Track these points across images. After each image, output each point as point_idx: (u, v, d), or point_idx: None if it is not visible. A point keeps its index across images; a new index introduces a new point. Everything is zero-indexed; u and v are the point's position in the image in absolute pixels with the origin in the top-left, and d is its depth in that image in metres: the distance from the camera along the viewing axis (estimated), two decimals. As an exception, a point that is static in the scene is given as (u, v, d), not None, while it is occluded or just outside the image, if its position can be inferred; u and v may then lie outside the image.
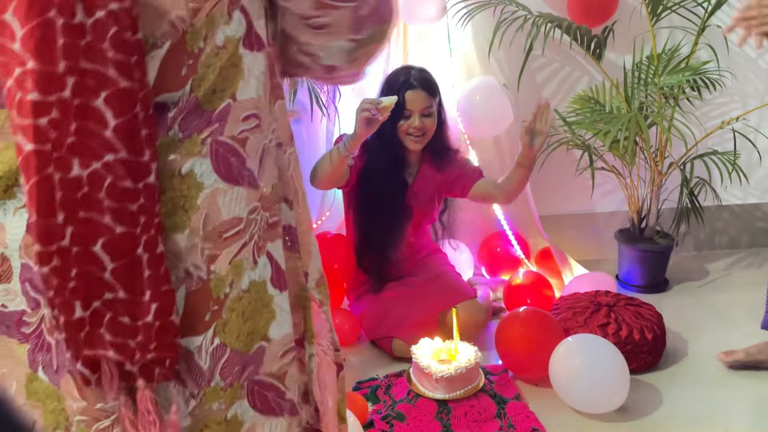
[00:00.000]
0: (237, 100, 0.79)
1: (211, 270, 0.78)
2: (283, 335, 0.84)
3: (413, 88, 2.24)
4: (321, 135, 2.77)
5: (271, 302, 0.82)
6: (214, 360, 0.79)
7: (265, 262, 0.82)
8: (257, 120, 0.81)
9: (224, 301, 0.79)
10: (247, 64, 0.80)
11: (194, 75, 0.76)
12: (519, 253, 2.74)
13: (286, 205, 0.88)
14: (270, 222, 0.83)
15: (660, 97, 2.56)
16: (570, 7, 2.68)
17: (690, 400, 1.98)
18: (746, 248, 3.11)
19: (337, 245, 2.43)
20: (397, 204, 2.33)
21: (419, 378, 1.89)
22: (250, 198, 0.80)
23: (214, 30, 0.76)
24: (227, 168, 0.79)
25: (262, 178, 0.82)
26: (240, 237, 0.79)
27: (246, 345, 0.80)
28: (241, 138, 0.80)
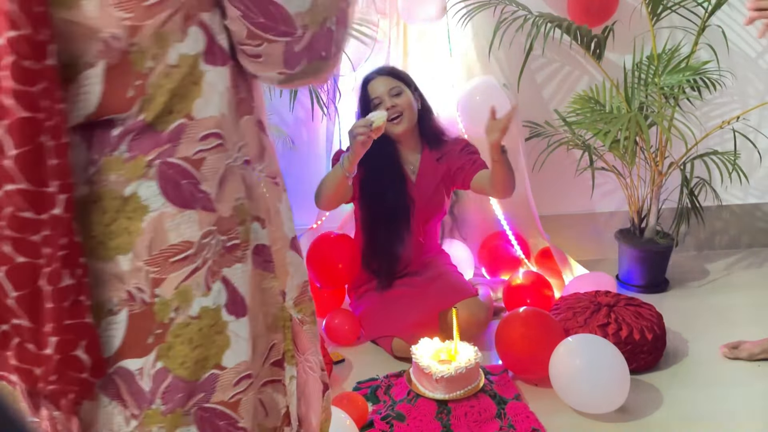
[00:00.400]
0: (194, 119, 0.77)
1: (156, 294, 0.77)
2: (238, 363, 0.82)
3: (372, 78, 2.31)
4: (321, 135, 2.77)
5: (225, 329, 0.80)
6: (156, 383, 0.78)
7: (220, 288, 0.80)
8: (218, 139, 0.79)
9: (168, 326, 0.78)
10: (208, 80, 0.77)
11: (143, 96, 0.74)
12: (519, 253, 2.74)
13: (258, 223, 0.85)
14: (228, 246, 0.81)
15: (660, 97, 2.56)
16: (570, 7, 2.68)
17: (690, 400, 1.98)
18: (746, 248, 3.11)
19: (341, 245, 2.43)
20: (403, 201, 2.33)
21: (419, 378, 1.89)
22: (203, 222, 0.78)
23: (166, 48, 0.74)
24: (176, 191, 0.76)
25: (221, 200, 0.79)
26: (190, 262, 0.78)
27: (193, 373, 0.79)
28: (196, 159, 0.77)
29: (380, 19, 2.61)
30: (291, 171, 2.83)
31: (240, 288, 0.82)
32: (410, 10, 2.52)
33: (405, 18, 2.58)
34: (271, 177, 0.87)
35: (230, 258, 0.81)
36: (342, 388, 2.06)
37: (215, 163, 0.78)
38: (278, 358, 0.89)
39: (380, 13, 2.61)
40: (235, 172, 0.81)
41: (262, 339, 0.87)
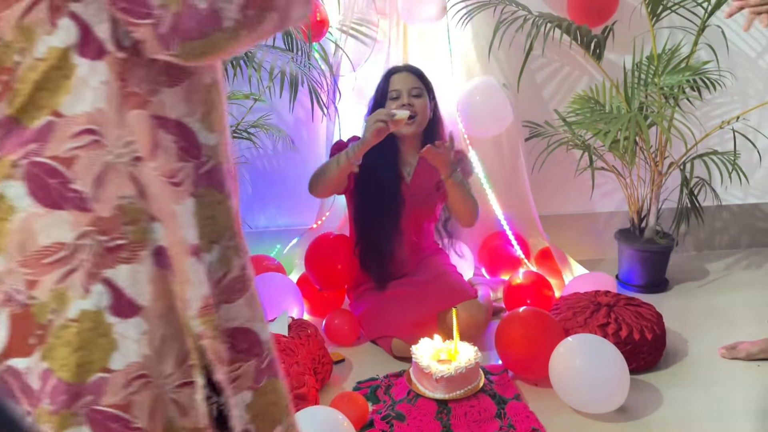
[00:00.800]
0: (63, 115, 0.74)
1: (32, 296, 0.76)
2: (128, 364, 0.80)
3: (399, 71, 2.31)
4: (321, 135, 2.78)
5: (110, 332, 0.79)
6: (43, 383, 0.78)
7: (101, 291, 0.78)
8: (94, 136, 0.76)
9: (48, 327, 0.77)
10: (80, 74, 0.75)
11: (10, 91, 0.72)
12: (519, 253, 2.74)
13: (159, 223, 0.82)
14: (109, 246, 0.78)
15: (660, 97, 2.56)
16: (570, 7, 2.69)
17: (690, 400, 1.98)
18: (746, 248, 3.11)
19: (340, 246, 2.43)
20: (395, 201, 2.33)
21: (419, 378, 1.89)
22: (77, 222, 0.76)
23: (32, 41, 0.72)
24: (45, 191, 0.75)
25: (99, 199, 0.77)
26: (64, 263, 0.76)
27: (76, 376, 0.78)
28: (67, 157, 0.75)
29: (380, 19, 2.61)
30: (291, 171, 2.84)
31: (127, 289, 0.80)
32: (410, 10, 2.52)
33: (405, 18, 2.58)
34: (167, 176, 0.82)
35: (113, 259, 0.79)
36: (342, 388, 2.06)
37: (90, 160, 0.76)
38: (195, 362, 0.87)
39: (380, 13, 2.61)
40: (119, 169, 0.78)
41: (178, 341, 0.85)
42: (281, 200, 2.88)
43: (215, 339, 0.87)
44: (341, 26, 2.62)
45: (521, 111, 2.78)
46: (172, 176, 0.82)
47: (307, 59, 2.43)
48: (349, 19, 2.60)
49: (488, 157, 2.77)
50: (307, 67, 2.39)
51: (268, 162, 2.85)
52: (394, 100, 2.27)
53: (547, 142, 2.68)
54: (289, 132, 2.72)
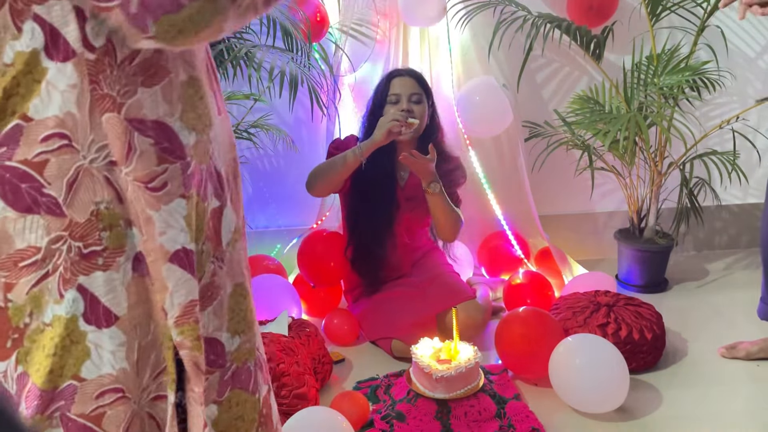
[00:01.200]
0: (32, 119, 0.73)
1: (8, 298, 0.76)
2: (100, 375, 0.79)
3: (400, 75, 2.29)
4: (321, 135, 2.78)
5: (83, 340, 0.78)
6: (20, 387, 0.78)
7: (75, 297, 0.77)
8: (64, 140, 0.75)
9: (24, 331, 0.77)
10: (48, 78, 0.73)
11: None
12: (519, 253, 2.74)
13: (136, 228, 0.80)
14: (85, 253, 0.77)
15: (659, 98, 2.56)
16: (569, 7, 2.69)
17: (690, 400, 1.98)
18: (746, 248, 3.11)
19: (333, 243, 2.43)
20: (389, 204, 2.32)
21: (419, 378, 1.89)
22: (51, 227, 0.75)
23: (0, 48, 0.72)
24: (16, 195, 0.74)
25: (73, 204, 0.76)
26: (39, 267, 0.76)
27: (48, 382, 0.77)
28: (38, 161, 0.74)
29: (380, 19, 2.61)
30: (291, 171, 2.84)
31: (103, 297, 0.78)
32: (410, 10, 2.52)
33: (405, 18, 2.58)
34: (142, 181, 0.79)
35: (87, 265, 0.77)
36: (342, 388, 2.06)
37: (61, 165, 0.75)
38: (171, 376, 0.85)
39: (380, 14, 2.61)
40: (94, 174, 0.77)
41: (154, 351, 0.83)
42: (281, 200, 2.88)
43: (194, 350, 0.84)
44: (341, 26, 2.62)
45: (521, 111, 2.78)
46: (150, 180, 0.80)
47: (307, 59, 2.43)
48: (349, 20, 2.61)
49: (488, 157, 2.77)
50: (307, 67, 2.39)
51: (268, 162, 2.85)
52: (394, 104, 2.25)
53: (547, 142, 2.68)
54: (289, 132, 2.72)
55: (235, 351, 0.91)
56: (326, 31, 2.57)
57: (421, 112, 2.26)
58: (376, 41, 2.64)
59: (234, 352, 0.91)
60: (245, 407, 0.92)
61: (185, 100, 0.82)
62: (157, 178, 0.80)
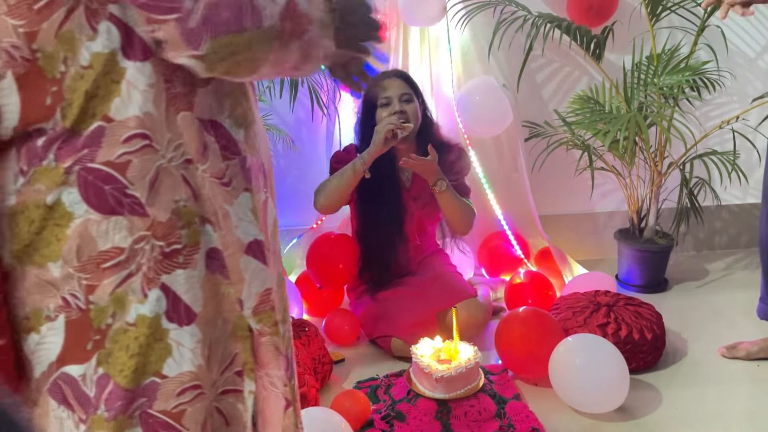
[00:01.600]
0: (113, 120, 0.73)
1: (90, 300, 0.76)
2: (181, 373, 0.79)
3: (388, 77, 2.29)
4: (321, 135, 2.78)
5: (166, 337, 0.78)
6: (99, 389, 0.77)
7: (159, 296, 0.78)
8: (145, 140, 0.75)
9: (106, 332, 0.77)
10: (128, 78, 0.73)
11: (62, 102, 0.72)
12: (519, 253, 2.74)
13: (210, 225, 0.81)
14: (166, 251, 0.78)
15: (659, 98, 2.56)
16: (570, 7, 2.69)
17: (689, 399, 1.98)
18: (746, 248, 3.11)
19: (342, 245, 2.42)
20: (397, 208, 2.32)
21: (419, 378, 1.89)
22: (134, 227, 0.76)
23: (75, 49, 0.71)
24: (99, 197, 0.74)
25: (154, 204, 0.76)
26: (122, 268, 0.76)
27: (132, 381, 0.77)
28: (120, 162, 0.74)
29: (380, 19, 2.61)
30: (291, 171, 2.84)
31: (183, 295, 0.79)
32: (410, 10, 2.52)
33: (405, 19, 2.58)
34: (217, 177, 0.81)
35: (170, 264, 0.78)
36: (342, 388, 2.06)
37: (143, 165, 0.75)
38: (240, 368, 0.86)
39: (380, 14, 2.61)
40: (172, 172, 0.78)
41: (222, 346, 0.84)
42: (281, 200, 2.87)
43: (274, 335, 0.87)
44: (341, 26, 2.62)
45: (521, 111, 2.78)
46: (222, 176, 0.82)
47: (307, 59, 2.43)
48: (349, 20, 2.60)
49: (488, 157, 2.77)
50: (307, 67, 2.39)
51: (268, 162, 2.85)
52: (385, 106, 2.25)
53: (547, 142, 2.68)
54: (289, 132, 2.72)
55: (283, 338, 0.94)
56: (326, 31, 2.57)
57: (413, 111, 2.26)
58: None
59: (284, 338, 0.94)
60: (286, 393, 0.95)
61: (233, 98, 0.84)
62: (225, 174, 0.82)
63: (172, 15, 0.69)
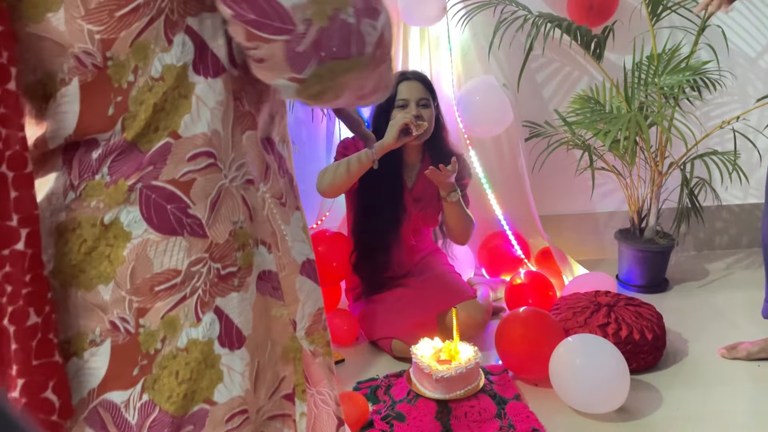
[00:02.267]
0: (181, 137, 0.71)
1: (140, 324, 0.73)
2: (231, 398, 0.76)
3: (408, 80, 2.27)
4: (321, 135, 2.78)
5: (218, 363, 0.75)
6: (142, 416, 0.74)
7: (212, 320, 0.75)
8: (211, 159, 0.73)
9: (154, 357, 0.74)
10: (198, 93, 0.71)
11: (125, 113, 0.69)
12: (519, 253, 2.74)
13: (264, 247, 0.79)
14: (222, 274, 0.75)
15: (660, 97, 2.56)
16: (570, 7, 2.69)
17: (690, 400, 1.98)
18: (746, 248, 3.11)
19: (336, 243, 2.43)
20: (396, 207, 2.32)
21: (419, 378, 1.89)
22: (192, 249, 0.73)
23: (147, 60, 0.68)
24: (161, 217, 0.71)
25: (214, 225, 0.74)
26: (177, 291, 0.73)
27: (181, 408, 0.74)
28: (184, 181, 0.72)
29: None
30: (291, 171, 2.84)
31: (236, 319, 0.76)
32: (410, 10, 2.52)
33: (405, 18, 2.58)
34: (277, 197, 0.80)
35: (225, 287, 0.75)
36: (342, 388, 2.06)
37: (206, 184, 0.73)
38: (288, 392, 0.84)
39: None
40: (233, 193, 0.75)
41: (270, 370, 0.82)
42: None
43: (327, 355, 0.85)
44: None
45: (521, 111, 2.78)
46: (281, 197, 0.80)
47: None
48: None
49: (488, 157, 2.77)
50: (307, 67, 2.38)
51: (268, 162, 2.85)
52: (402, 108, 2.24)
53: (547, 142, 2.68)
54: (289, 132, 2.71)
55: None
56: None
57: (429, 117, 2.25)
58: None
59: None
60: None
61: (279, 114, 0.82)
62: (283, 193, 0.80)
63: (282, 36, 0.66)
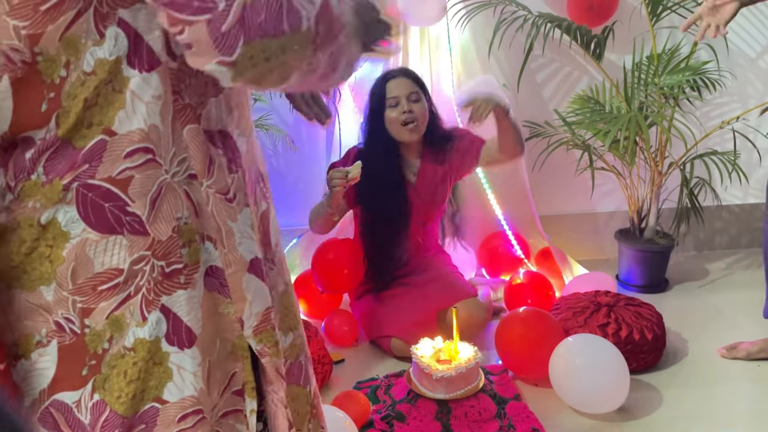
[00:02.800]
0: (116, 133, 0.69)
1: (86, 324, 0.72)
2: (183, 398, 0.75)
3: (395, 77, 2.28)
4: (321, 135, 2.78)
5: (166, 361, 0.75)
6: (94, 416, 0.74)
7: (159, 318, 0.74)
8: (149, 154, 0.71)
9: (103, 357, 0.73)
10: (132, 88, 0.69)
11: (58, 109, 0.67)
12: (519, 253, 2.73)
13: (210, 243, 0.77)
14: (167, 272, 0.74)
15: (660, 97, 2.56)
16: (570, 7, 2.68)
17: (690, 400, 1.98)
18: (746, 248, 3.11)
19: (348, 250, 2.38)
20: (401, 204, 2.32)
21: (419, 378, 1.89)
22: (133, 247, 0.71)
23: (79, 54, 0.66)
24: (99, 216, 0.70)
25: (156, 222, 0.72)
26: (120, 290, 0.72)
27: (130, 408, 0.73)
28: (122, 179, 0.70)
29: (380, 19, 2.61)
30: (291, 171, 2.84)
31: (185, 317, 0.75)
32: (410, 10, 2.51)
33: (405, 19, 2.57)
34: (222, 193, 0.77)
35: (170, 285, 0.74)
36: (342, 388, 2.06)
37: (146, 181, 0.71)
38: (239, 387, 0.83)
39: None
40: (175, 188, 0.73)
41: (221, 367, 0.81)
42: (281, 200, 2.86)
43: (274, 356, 0.84)
44: (341, 26, 2.62)
45: (521, 111, 2.78)
46: (226, 192, 0.78)
47: (307, 59, 2.42)
48: (349, 19, 2.60)
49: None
50: (307, 67, 2.38)
51: (268, 162, 2.85)
52: (394, 107, 2.25)
53: (547, 142, 2.68)
54: (289, 132, 2.72)
55: (288, 348, 0.91)
56: (326, 31, 2.57)
57: (421, 110, 2.27)
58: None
59: (287, 348, 0.91)
60: (299, 401, 0.92)
61: (240, 106, 0.80)
62: (230, 189, 0.78)
63: (202, 16, 0.62)
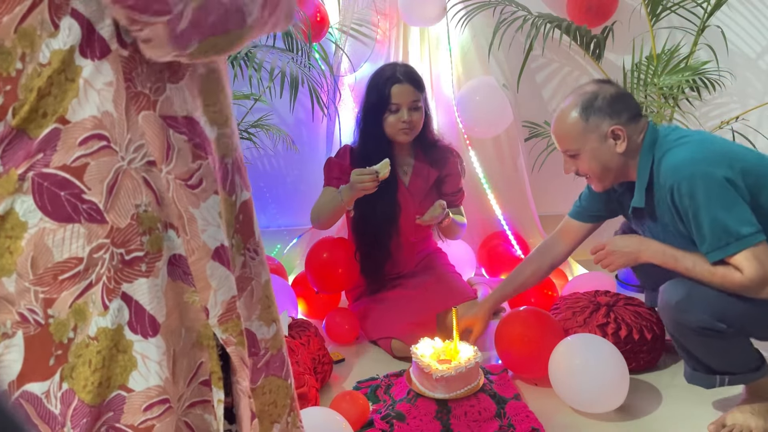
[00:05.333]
0: (69, 122, 0.70)
1: (49, 314, 0.73)
2: (148, 387, 0.76)
3: (400, 83, 2.26)
4: (321, 135, 2.78)
5: (130, 349, 0.75)
6: (64, 405, 0.74)
7: (120, 306, 0.74)
8: (103, 141, 0.72)
9: (69, 346, 0.73)
10: (85, 76, 0.70)
11: (14, 102, 0.68)
12: (519, 253, 2.74)
13: (173, 231, 0.78)
14: (127, 259, 0.74)
15: (659, 98, 2.56)
16: (570, 7, 2.69)
17: (689, 400, 1.98)
18: (746, 248, 3.11)
19: (342, 249, 2.39)
20: (393, 204, 2.32)
21: (419, 378, 1.89)
22: (92, 235, 0.72)
23: (35, 46, 0.68)
24: (55, 204, 0.70)
25: (113, 209, 0.73)
26: (81, 279, 0.72)
27: (97, 396, 0.74)
28: (77, 166, 0.70)
29: (380, 19, 2.61)
30: (291, 171, 2.84)
31: (148, 305, 0.75)
32: (410, 10, 2.52)
33: (405, 18, 2.58)
34: (182, 179, 0.77)
35: (131, 272, 0.74)
36: (342, 388, 2.06)
37: (101, 168, 0.72)
38: (206, 378, 0.83)
39: (380, 14, 2.61)
40: (132, 175, 0.74)
41: (187, 357, 0.81)
42: (281, 200, 2.88)
43: (239, 345, 0.84)
44: (341, 26, 2.63)
45: (521, 111, 2.78)
46: (189, 178, 0.78)
47: (307, 59, 2.43)
48: (349, 20, 2.61)
49: (488, 157, 2.77)
50: (307, 67, 2.39)
51: (269, 162, 2.85)
52: (394, 113, 2.24)
53: (547, 142, 2.68)
54: (290, 132, 2.72)
55: (272, 339, 0.91)
56: (326, 31, 2.58)
57: (418, 118, 2.27)
58: (376, 41, 2.64)
59: (270, 339, 0.91)
60: (278, 393, 0.92)
61: (205, 94, 0.81)
62: (194, 175, 0.78)
63: (161, 17, 0.68)
